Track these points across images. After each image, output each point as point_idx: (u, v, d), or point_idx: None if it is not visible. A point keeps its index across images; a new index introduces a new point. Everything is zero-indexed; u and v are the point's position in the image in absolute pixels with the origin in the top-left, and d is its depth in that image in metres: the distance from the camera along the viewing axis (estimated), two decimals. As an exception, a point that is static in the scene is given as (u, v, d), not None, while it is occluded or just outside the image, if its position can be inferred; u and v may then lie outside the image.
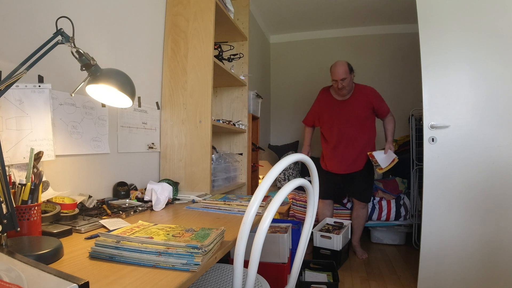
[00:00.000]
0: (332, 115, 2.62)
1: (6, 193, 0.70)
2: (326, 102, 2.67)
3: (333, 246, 2.46)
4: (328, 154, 2.67)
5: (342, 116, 2.57)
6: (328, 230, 2.59)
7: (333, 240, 2.46)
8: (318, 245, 2.52)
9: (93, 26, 1.33)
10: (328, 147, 2.66)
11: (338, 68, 2.44)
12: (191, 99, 1.74)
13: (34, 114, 1.02)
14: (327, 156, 2.70)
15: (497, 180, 1.84)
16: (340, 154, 2.60)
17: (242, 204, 1.27)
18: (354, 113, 2.55)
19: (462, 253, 1.90)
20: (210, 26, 1.71)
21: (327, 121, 2.65)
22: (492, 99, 1.86)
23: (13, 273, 0.49)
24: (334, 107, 2.62)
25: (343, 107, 2.58)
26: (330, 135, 2.63)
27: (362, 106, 2.55)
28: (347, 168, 2.61)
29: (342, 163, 2.61)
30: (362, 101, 2.55)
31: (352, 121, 2.55)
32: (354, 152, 2.57)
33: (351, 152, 2.58)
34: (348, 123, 2.56)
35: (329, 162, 2.68)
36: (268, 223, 0.72)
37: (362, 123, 2.56)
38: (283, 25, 4.25)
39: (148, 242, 0.73)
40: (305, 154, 2.58)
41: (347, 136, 2.56)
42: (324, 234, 2.50)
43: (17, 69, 0.75)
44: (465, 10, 1.89)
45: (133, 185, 1.53)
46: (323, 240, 2.50)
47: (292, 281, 1.07)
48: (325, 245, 2.49)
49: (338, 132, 2.58)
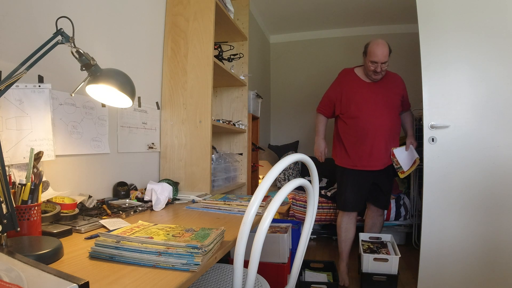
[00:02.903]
0: (363, 99, 2.16)
1: (6, 193, 0.70)
2: (353, 85, 2.22)
3: (390, 271, 2.01)
4: (355, 147, 2.19)
5: (376, 100, 2.15)
6: (374, 251, 2.16)
7: (390, 262, 2.01)
8: (370, 271, 2.04)
9: (93, 26, 1.33)
10: (355, 138, 2.19)
11: (382, 48, 2.04)
12: (191, 99, 1.73)
13: (34, 114, 1.02)
14: (354, 151, 2.19)
15: (497, 180, 1.84)
16: (372, 145, 2.14)
17: (242, 204, 1.27)
18: (389, 98, 2.17)
19: (462, 253, 1.90)
20: (210, 26, 1.71)
21: (356, 106, 2.17)
22: (492, 99, 1.86)
23: (13, 273, 0.49)
24: (365, 90, 2.18)
25: (376, 90, 2.17)
26: (360, 123, 2.16)
27: (395, 93, 2.19)
28: (385, 161, 2.18)
29: (377, 156, 2.15)
30: (394, 87, 2.20)
31: (387, 106, 2.16)
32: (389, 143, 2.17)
33: (384, 143, 2.15)
34: (383, 109, 2.14)
35: (360, 158, 2.17)
36: (268, 223, 0.72)
37: (395, 112, 2.20)
38: (283, 25, 4.25)
39: (148, 242, 0.73)
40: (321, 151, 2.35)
41: (381, 123, 2.14)
42: (379, 257, 2.04)
43: (17, 69, 0.75)
44: (465, 10, 1.89)
45: (133, 185, 1.53)
46: (376, 264, 2.04)
47: (292, 281, 1.07)
48: (378, 269, 2.03)
49: (372, 118, 2.14)
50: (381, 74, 2.13)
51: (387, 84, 2.20)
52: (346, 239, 2.28)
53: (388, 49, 2.07)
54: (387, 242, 2.29)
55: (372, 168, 2.17)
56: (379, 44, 2.06)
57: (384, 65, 2.08)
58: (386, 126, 2.15)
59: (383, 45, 2.06)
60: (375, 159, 2.16)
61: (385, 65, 2.08)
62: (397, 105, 2.20)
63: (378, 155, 2.15)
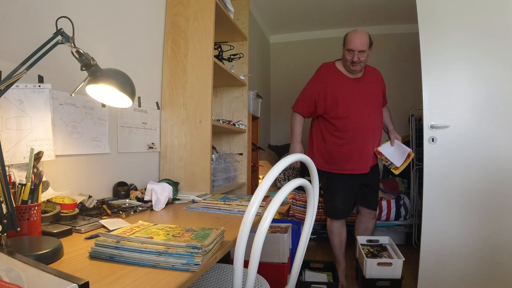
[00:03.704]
0: (351, 98, 2.01)
1: (6, 193, 0.70)
2: (338, 81, 2.05)
3: (393, 275, 1.92)
4: (343, 150, 2.03)
5: (361, 97, 2.02)
6: (375, 255, 2.06)
7: (394, 266, 1.93)
8: (374, 277, 1.94)
9: (93, 26, 1.33)
10: (341, 139, 2.03)
11: (358, 36, 1.92)
12: (191, 99, 1.73)
13: (34, 114, 1.02)
14: (339, 153, 2.04)
15: (497, 180, 1.84)
16: (361, 146, 2.02)
17: (242, 204, 1.27)
18: (373, 94, 2.06)
19: (462, 253, 1.90)
20: (210, 26, 1.71)
21: (345, 106, 2.00)
22: (492, 99, 1.86)
23: (13, 273, 0.49)
24: (348, 86, 2.04)
25: (360, 86, 2.04)
26: (350, 124, 2.00)
27: (377, 88, 2.09)
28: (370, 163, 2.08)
29: (366, 158, 2.04)
30: (375, 82, 2.10)
31: (374, 104, 2.06)
32: (375, 143, 2.08)
33: (372, 143, 2.06)
34: (368, 106, 2.03)
35: (348, 161, 2.03)
36: (268, 223, 0.72)
37: (380, 109, 2.11)
38: (283, 25, 4.25)
39: (148, 242, 0.73)
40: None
41: (368, 122, 2.02)
42: (383, 261, 1.95)
43: (17, 69, 0.75)
44: (465, 10, 1.89)
45: (133, 185, 1.53)
46: (380, 269, 1.94)
47: (292, 281, 1.07)
48: (382, 274, 1.93)
49: (358, 118, 2.00)
50: (360, 66, 1.98)
51: (371, 79, 2.09)
52: (341, 243, 2.21)
53: (367, 39, 1.93)
54: (386, 245, 2.20)
55: (361, 171, 2.05)
56: (357, 32, 1.94)
57: (361, 55, 1.93)
58: (374, 125, 2.05)
59: (362, 33, 1.93)
60: (365, 162, 2.05)
61: (362, 55, 1.93)
62: (380, 101, 2.12)
63: (367, 157, 2.05)
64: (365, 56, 1.95)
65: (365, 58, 1.96)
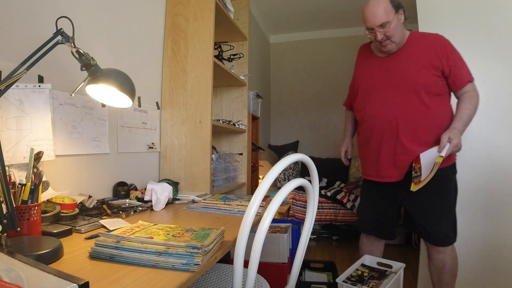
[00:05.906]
0: (371, 83, 1.60)
1: (6, 193, 0.70)
2: (363, 63, 1.69)
3: None
4: (363, 151, 1.68)
5: (386, 81, 1.55)
6: (361, 279, 1.50)
7: None
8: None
9: (93, 26, 1.33)
10: (361, 137, 1.69)
11: (372, 8, 1.45)
12: (191, 99, 1.74)
13: (34, 114, 1.02)
14: (361, 155, 1.71)
15: (497, 180, 1.84)
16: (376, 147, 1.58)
17: (242, 204, 1.27)
18: (408, 74, 1.50)
19: (462, 253, 1.90)
20: (210, 26, 1.71)
21: (362, 95, 1.64)
22: (492, 99, 1.85)
23: (13, 273, 0.49)
24: (375, 69, 1.60)
25: (387, 66, 1.56)
26: (362, 116, 1.65)
27: (424, 65, 1.48)
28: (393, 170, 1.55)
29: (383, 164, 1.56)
30: (424, 57, 1.49)
31: (404, 88, 1.50)
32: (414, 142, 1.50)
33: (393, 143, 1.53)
34: (397, 94, 1.52)
35: (367, 165, 1.66)
36: (268, 223, 0.72)
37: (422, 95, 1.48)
38: (283, 25, 4.25)
39: (148, 242, 0.73)
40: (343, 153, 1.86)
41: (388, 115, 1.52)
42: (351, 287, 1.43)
43: (17, 69, 0.75)
44: (465, 10, 1.89)
45: (133, 185, 1.53)
46: None
47: (292, 281, 1.07)
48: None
49: (374, 109, 1.57)
50: (392, 43, 1.49)
51: (412, 52, 1.52)
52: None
53: (384, 6, 1.43)
54: (391, 273, 1.55)
55: (380, 179, 1.58)
56: (368, 4, 1.48)
57: (384, 30, 1.45)
58: (400, 118, 1.50)
59: (375, 3, 1.45)
60: (383, 168, 1.56)
61: (385, 29, 1.44)
62: (428, 83, 1.47)
63: (383, 162, 1.56)
64: (392, 27, 1.45)
65: (394, 31, 1.45)
